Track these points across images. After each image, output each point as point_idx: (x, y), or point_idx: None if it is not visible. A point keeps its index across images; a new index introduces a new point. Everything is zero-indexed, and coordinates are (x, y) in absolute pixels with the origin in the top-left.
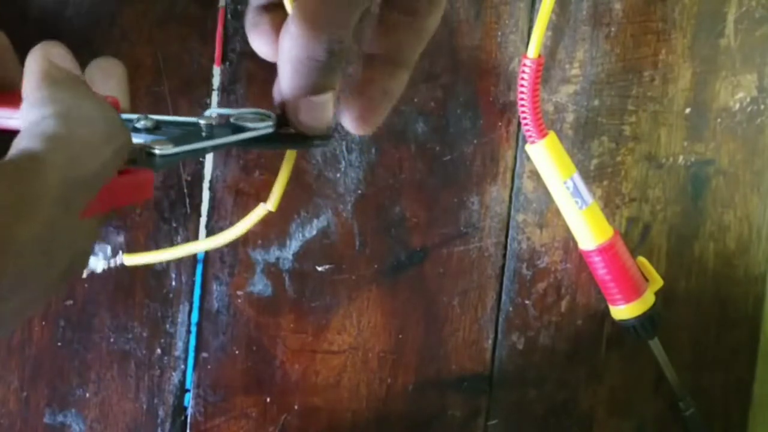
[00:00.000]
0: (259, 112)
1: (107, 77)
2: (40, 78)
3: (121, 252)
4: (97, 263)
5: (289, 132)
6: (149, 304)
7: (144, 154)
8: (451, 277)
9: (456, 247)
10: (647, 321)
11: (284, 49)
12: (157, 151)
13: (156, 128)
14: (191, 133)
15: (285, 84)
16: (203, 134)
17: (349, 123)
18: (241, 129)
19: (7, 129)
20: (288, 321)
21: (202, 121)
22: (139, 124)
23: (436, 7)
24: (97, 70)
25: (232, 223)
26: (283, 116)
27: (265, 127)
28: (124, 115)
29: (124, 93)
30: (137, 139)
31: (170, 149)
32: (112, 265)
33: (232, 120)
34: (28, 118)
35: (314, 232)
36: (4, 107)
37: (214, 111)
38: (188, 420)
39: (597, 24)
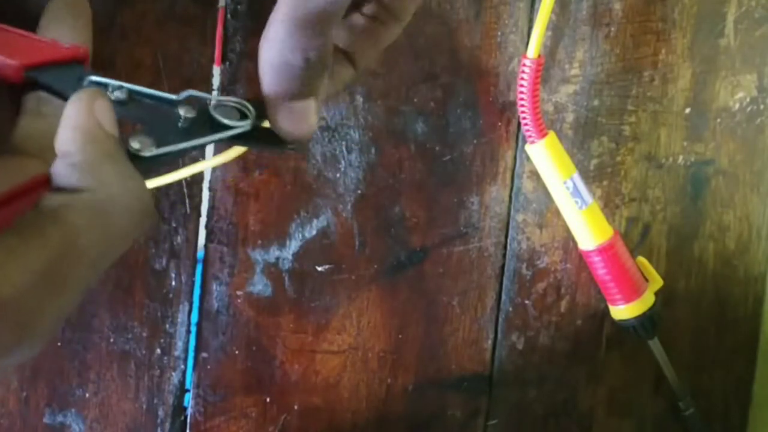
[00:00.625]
0: (239, 102)
1: (76, 17)
2: (84, 139)
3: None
4: None
5: (266, 128)
6: (149, 304)
7: (129, 155)
8: (451, 277)
9: (456, 247)
10: (647, 321)
11: (261, 52)
12: (143, 154)
13: (129, 101)
14: (166, 121)
15: (264, 86)
16: (179, 124)
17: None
18: (218, 122)
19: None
20: (288, 321)
21: (182, 114)
22: (113, 95)
23: None
24: (64, 7)
25: (232, 224)
26: (263, 113)
27: (243, 126)
28: (101, 79)
29: (90, 34)
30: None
31: (153, 151)
32: None
33: (210, 108)
34: (67, 177)
35: (314, 232)
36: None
37: (191, 93)
38: (188, 420)
39: (597, 24)
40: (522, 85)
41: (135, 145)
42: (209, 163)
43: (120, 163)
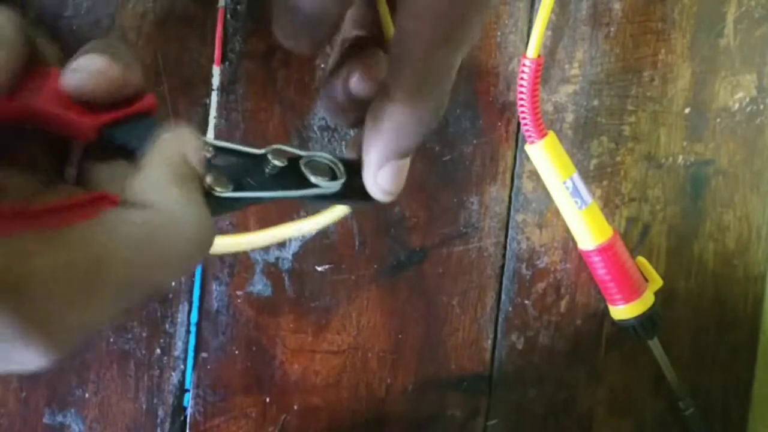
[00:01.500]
0: (331, 159)
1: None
2: (163, 160)
3: None
4: None
5: (352, 185)
6: (149, 304)
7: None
8: (451, 277)
9: (455, 247)
10: (647, 321)
11: (385, 116)
12: (217, 193)
13: (214, 156)
14: (251, 169)
15: (378, 149)
16: (266, 172)
17: None
18: (304, 177)
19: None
20: (287, 321)
21: (270, 159)
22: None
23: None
24: (106, 48)
25: (232, 224)
26: (354, 171)
27: (333, 187)
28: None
29: (142, 78)
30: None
31: (229, 192)
32: None
33: (300, 163)
34: (132, 191)
35: (314, 232)
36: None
37: (279, 147)
38: (188, 420)
39: (596, 24)
40: (522, 85)
41: (210, 181)
42: (313, 224)
43: (190, 190)
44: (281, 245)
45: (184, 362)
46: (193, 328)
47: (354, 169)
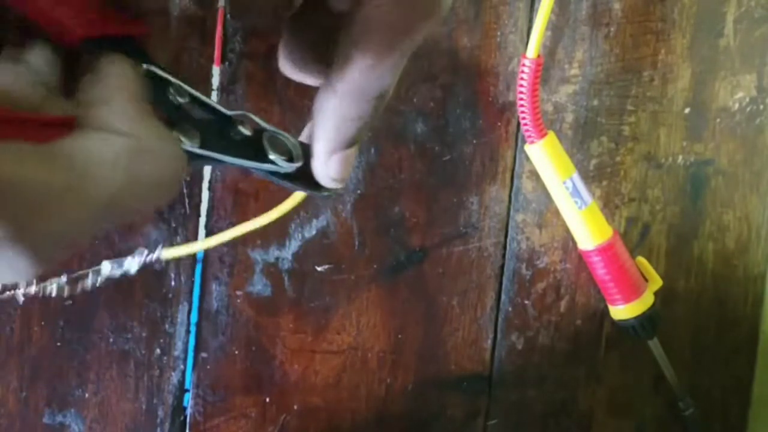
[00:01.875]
0: (293, 141)
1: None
2: (127, 94)
3: (160, 246)
4: (132, 264)
5: (306, 171)
6: (148, 305)
7: None
8: (451, 277)
9: (455, 247)
10: (646, 321)
11: (328, 108)
12: (183, 145)
13: (185, 104)
14: (218, 131)
15: (323, 140)
16: (232, 136)
17: None
18: (264, 151)
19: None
20: (287, 321)
21: (238, 126)
22: (172, 96)
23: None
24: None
25: (231, 224)
26: (309, 158)
27: (289, 167)
28: (162, 73)
29: None
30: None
31: (196, 148)
32: (149, 261)
33: (263, 136)
34: (109, 120)
35: (313, 232)
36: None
37: (246, 113)
38: (187, 420)
39: (596, 24)
40: (521, 85)
41: (178, 134)
42: (275, 213)
43: (160, 126)
44: (281, 245)
45: (184, 362)
46: (192, 328)
47: (309, 155)
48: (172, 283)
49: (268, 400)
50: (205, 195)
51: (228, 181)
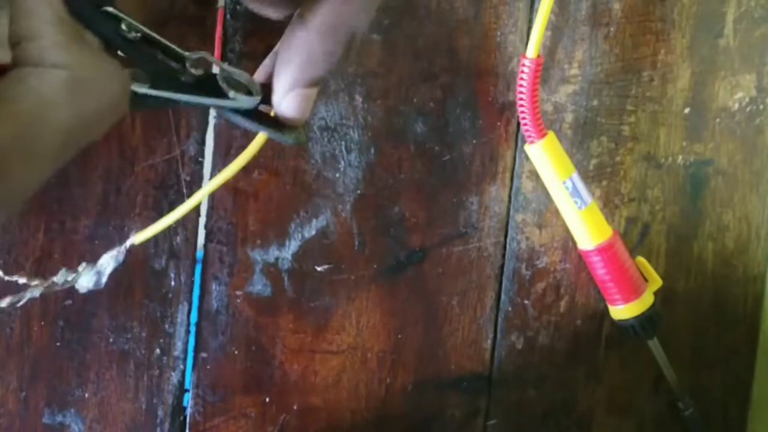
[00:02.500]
0: (249, 79)
1: None
2: (53, 21)
3: (133, 233)
4: (107, 266)
5: (266, 112)
6: (148, 304)
7: None
8: (451, 277)
9: (455, 247)
10: (646, 321)
11: (296, 42)
12: (133, 87)
13: (140, 43)
14: (169, 73)
15: (286, 74)
16: (183, 78)
17: None
18: (221, 91)
19: None
20: (287, 321)
21: (188, 63)
22: (126, 31)
23: None
24: None
25: (231, 223)
26: (266, 96)
27: (248, 102)
28: (117, 12)
29: None
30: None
31: (145, 89)
32: (123, 254)
33: (218, 76)
34: (39, 56)
35: (313, 232)
36: None
37: (203, 54)
38: (187, 420)
39: (596, 24)
40: (521, 85)
41: (129, 74)
42: (240, 160)
43: (93, 47)
44: (281, 245)
45: (184, 362)
46: (192, 328)
47: (268, 94)
48: (172, 283)
49: (267, 400)
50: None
51: (227, 181)
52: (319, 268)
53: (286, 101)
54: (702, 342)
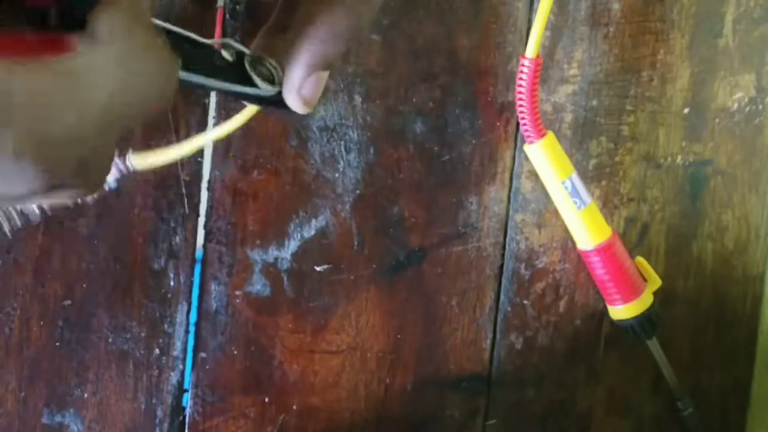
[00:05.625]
0: (273, 64)
1: None
2: (134, 20)
3: (130, 151)
4: (110, 177)
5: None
6: (148, 304)
7: None
8: (450, 277)
9: (454, 247)
10: (645, 321)
11: (319, 21)
12: None
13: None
14: (200, 58)
15: (308, 54)
16: (215, 60)
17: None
18: (247, 75)
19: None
20: (286, 321)
21: (220, 51)
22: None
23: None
24: None
25: (231, 224)
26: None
27: (271, 91)
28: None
29: None
30: None
31: (180, 72)
32: (124, 172)
33: (246, 62)
34: (97, 29)
35: (313, 232)
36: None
37: (228, 41)
38: (186, 420)
39: (595, 24)
40: (521, 86)
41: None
42: (228, 126)
43: (151, 32)
44: (280, 245)
45: (183, 362)
46: (191, 328)
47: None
48: (171, 283)
49: (267, 400)
50: (204, 195)
51: (227, 181)
52: (318, 268)
53: (306, 86)
54: (701, 342)
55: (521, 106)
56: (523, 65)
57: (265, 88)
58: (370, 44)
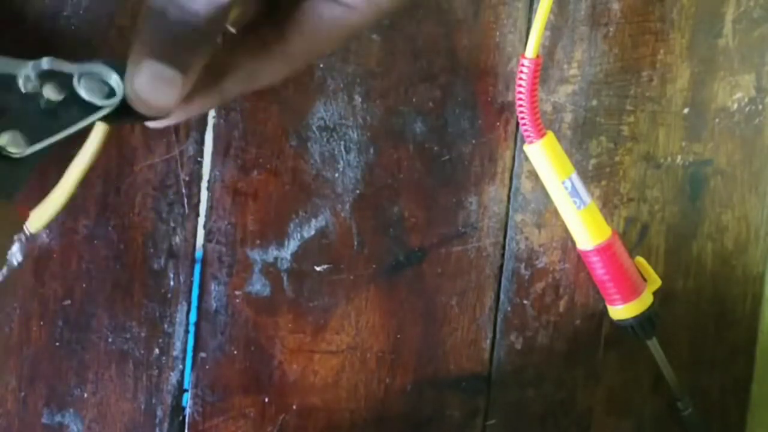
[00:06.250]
0: (103, 68)
1: None
2: None
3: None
4: (15, 253)
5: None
6: (147, 304)
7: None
8: (450, 277)
9: (454, 247)
10: (645, 321)
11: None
12: (16, 154)
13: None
14: (30, 107)
15: (139, 36)
16: (42, 105)
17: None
18: (84, 101)
19: None
20: (286, 321)
21: (44, 94)
22: None
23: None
24: None
25: (230, 223)
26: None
27: (111, 104)
28: None
29: None
30: None
31: (25, 149)
32: (24, 241)
33: (74, 84)
34: None
35: (312, 232)
36: None
37: (51, 65)
38: (186, 420)
39: (595, 24)
40: (520, 85)
41: (4, 142)
42: (84, 157)
43: None
44: (280, 245)
45: (183, 362)
46: (191, 328)
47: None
48: (171, 283)
49: (266, 400)
50: (203, 195)
51: (227, 181)
52: (318, 268)
53: (137, 79)
54: (701, 342)
55: (521, 106)
56: (523, 65)
57: (106, 103)
58: (370, 44)
